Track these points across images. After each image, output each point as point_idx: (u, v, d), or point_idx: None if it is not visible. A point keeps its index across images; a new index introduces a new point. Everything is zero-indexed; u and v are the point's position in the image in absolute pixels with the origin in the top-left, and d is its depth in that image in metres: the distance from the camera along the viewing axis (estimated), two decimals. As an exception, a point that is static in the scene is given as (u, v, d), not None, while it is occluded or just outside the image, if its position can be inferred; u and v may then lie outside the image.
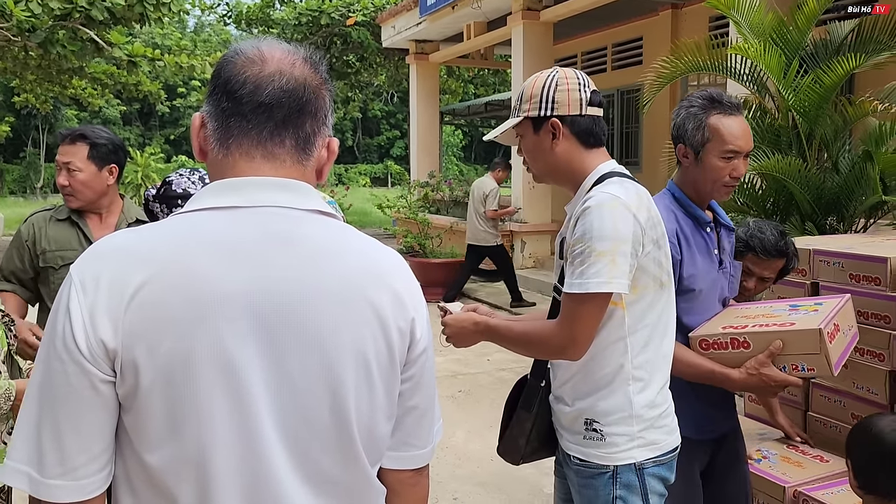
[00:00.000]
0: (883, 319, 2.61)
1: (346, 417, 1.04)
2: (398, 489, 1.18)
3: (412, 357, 1.12)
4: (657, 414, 1.81)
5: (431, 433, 1.20)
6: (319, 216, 1.08)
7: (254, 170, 1.06)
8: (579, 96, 1.80)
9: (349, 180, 35.19)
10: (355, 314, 1.04)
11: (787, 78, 3.92)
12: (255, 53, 1.08)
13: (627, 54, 11.22)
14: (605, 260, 1.64)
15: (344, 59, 16.69)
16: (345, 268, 1.05)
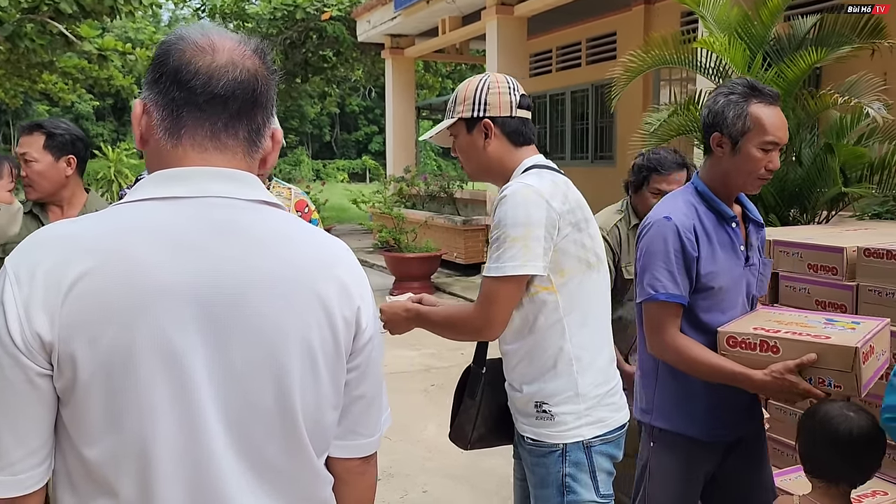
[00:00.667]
0: (839, 308, 2.67)
1: (291, 406, 1.04)
2: (346, 478, 1.19)
3: (358, 346, 1.12)
4: (603, 392, 1.91)
5: (379, 422, 1.21)
6: (265, 206, 1.08)
7: (205, 161, 1.06)
8: (510, 99, 1.93)
9: (327, 176, 35.02)
10: (300, 303, 1.04)
11: (752, 72, 3.97)
12: (205, 42, 1.06)
13: (602, 49, 11.28)
14: (519, 245, 1.77)
15: (320, 53, 16.59)
16: (290, 257, 1.06)
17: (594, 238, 1.92)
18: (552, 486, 1.89)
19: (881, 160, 3.81)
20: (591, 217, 1.95)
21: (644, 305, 2.08)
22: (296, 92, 18.77)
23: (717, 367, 1.97)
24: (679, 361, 2.03)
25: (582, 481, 1.88)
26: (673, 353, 2.03)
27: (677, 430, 2.15)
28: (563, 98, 12.50)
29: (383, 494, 3.80)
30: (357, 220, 13.71)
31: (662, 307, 2.02)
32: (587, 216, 1.91)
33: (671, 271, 2.00)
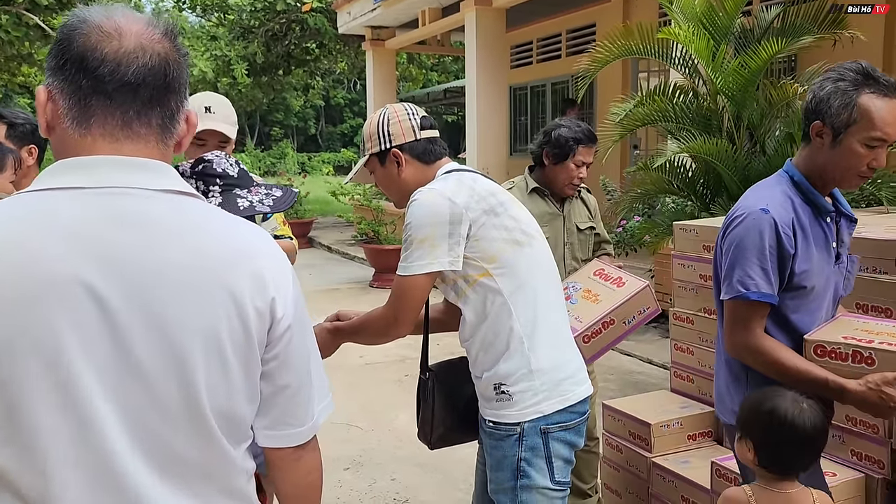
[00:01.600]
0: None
1: (197, 399, 1.02)
2: (280, 465, 1.20)
3: (274, 337, 1.10)
4: (557, 365, 1.94)
5: (309, 411, 1.19)
6: (176, 196, 1.06)
7: (116, 150, 1.03)
8: (410, 124, 2.04)
9: (312, 169, 34.91)
10: (207, 295, 1.02)
11: (716, 62, 4.01)
12: (111, 26, 1.02)
13: (581, 40, 11.31)
14: (426, 245, 1.87)
15: (303, 45, 16.53)
16: (198, 248, 1.03)
17: (517, 218, 1.97)
18: (507, 469, 1.92)
19: (841, 149, 3.86)
20: (511, 200, 2.00)
21: (730, 303, 1.93)
22: (279, 84, 18.68)
23: (806, 372, 1.85)
24: (763, 364, 1.90)
25: (536, 466, 1.91)
26: (757, 355, 1.90)
27: None
28: (545, 90, 12.52)
29: (352, 482, 3.83)
30: (339, 213, 13.70)
31: (752, 306, 1.88)
32: (503, 200, 1.97)
33: (765, 269, 1.85)
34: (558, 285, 2.06)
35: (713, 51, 4.01)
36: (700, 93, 4.35)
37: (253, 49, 15.73)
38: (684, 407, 3.03)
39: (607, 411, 3.09)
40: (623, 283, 2.75)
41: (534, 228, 2.02)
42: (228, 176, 2.12)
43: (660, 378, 5.30)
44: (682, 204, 4.76)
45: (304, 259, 11.87)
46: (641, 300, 2.71)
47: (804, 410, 1.82)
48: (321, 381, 1.23)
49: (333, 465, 3.99)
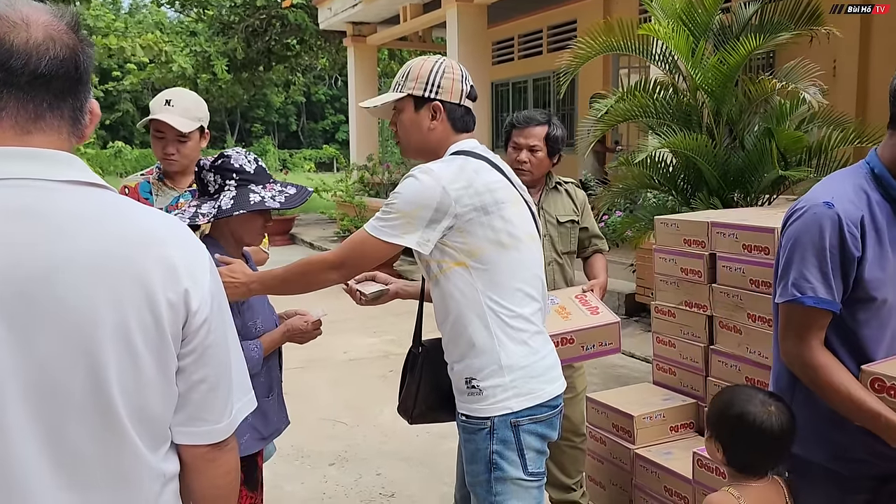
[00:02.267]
0: (772, 287, 2.75)
1: (107, 396, 1.00)
2: (194, 464, 1.15)
3: (190, 330, 1.07)
4: (529, 363, 1.94)
5: (227, 408, 1.16)
6: (79, 186, 1.03)
7: (24, 142, 1.01)
8: (461, 87, 2.00)
9: (294, 166, 34.73)
10: (115, 287, 1.00)
11: (696, 58, 4.06)
12: (17, 17, 0.99)
13: (562, 37, 11.36)
14: (403, 220, 1.86)
15: (283, 41, 16.46)
16: (104, 239, 1.01)
17: (508, 219, 1.93)
18: (481, 462, 1.94)
19: (819, 144, 3.93)
20: (510, 199, 1.97)
21: (784, 307, 1.72)
22: (259, 81, 18.59)
23: (859, 402, 1.62)
24: (813, 381, 1.69)
25: (509, 458, 1.92)
26: (809, 370, 1.69)
27: (817, 460, 1.78)
28: (526, 86, 12.57)
29: (338, 478, 3.84)
30: (321, 210, 13.67)
31: (808, 313, 1.67)
32: (500, 198, 1.93)
33: (825, 272, 1.63)
34: (540, 286, 2.04)
35: (693, 47, 4.06)
36: (680, 88, 4.40)
37: (233, 45, 15.63)
38: (666, 399, 3.06)
39: (591, 404, 3.12)
40: (597, 313, 2.80)
41: (524, 231, 1.99)
42: (245, 171, 2.18)
43: (642, 371, 5.36)
44: (663, 199, 4.82)
45: (286, 256, 11.83)
46: (607, 333, 2.75)
47: (772, 414, 1.78)
48: (241, 378, 1.20)
49: (319, 461, 4.00)
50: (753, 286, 2.80)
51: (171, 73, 15.83)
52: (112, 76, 23.96)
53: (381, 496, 3.66)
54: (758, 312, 2.78)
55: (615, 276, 7.28)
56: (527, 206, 2.07)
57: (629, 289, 6.99)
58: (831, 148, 3.89)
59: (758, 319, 2.78)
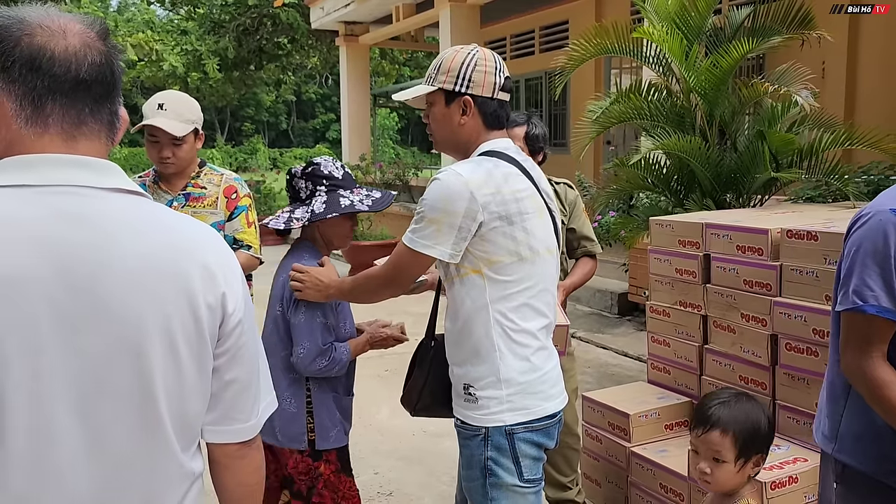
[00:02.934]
0: (765, 287, 2.81)
1: (152, 397, 1.04)
2: (225, 462, 1.20)
3: (225, 331, 1.12)
4: (528, 380, 1.91)
5: (256, 407, 1.20)
6: (123, 194, 1.07)
7: (71, 149, 1.04)
8: (494, 80, 1.91)
9: (284, 165, 34.66)
10: (160, 291, 1.03)
11: (689, 61, 4.11)
12: (55, 25, 1.03)
13: (555, 37, 11.41)
14: (433, 227, 1.84)
15: (274, 40, 16.42)
16: (147, 244, 1.04)
17: (530, 231, 1.90)
18: (476, 467, 1.93)
19: (810, 146, 3.99)
20: (535, 209, 1.92)
21: (846, 316, 1.66)
22: (250, 80, 18.54)
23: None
24: (872, 396, 1.62)
25: (504, 465, 1.90)
26: (868, 383, 1.62)
27: (869, 472, 1.69)
28: (518, 86, 12.60)
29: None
30: (313, 209, 13.66)
31: (870, 322, 1.60)
32: (524, 208, 1.88)
33: (888, 280, 1.58)
34: (551, 301, 2.00)
35: (686, 50, 4.11)
36: (673, 91, 4.45)
37: (224, 44, 15.58)
38: (661, 398, 3.11)
39: (587, 403, 3.16)
40: None
41: (543, 245, 1.95)
42: (334, 178, 2.32)
43: (635, 370, 5.41)
44: (657, 200, 4.87)
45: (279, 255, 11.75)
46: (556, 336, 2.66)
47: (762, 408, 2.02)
48: (266, 378, 1.25)
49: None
50: (747, 286, 2.85)
51: (161, 72, 15.76)
52: (102, 74, 23.82)
53: (379, 495, 3.69)
54: (751, 312, 2.83)
55: (608, 276, 7.34)
56: (550, 215, 2.02)
57: (622, 288, 7.05)
58: (821, 150, 3.95)
59: (751, 319, 2.84)
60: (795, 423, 2.68)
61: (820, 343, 2.57)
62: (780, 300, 2.73)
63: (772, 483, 2.40)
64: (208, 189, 2.80)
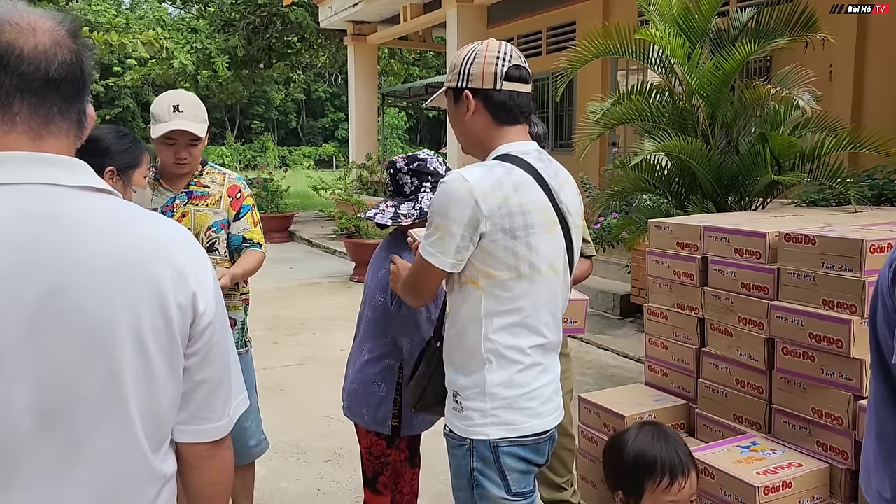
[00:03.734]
0: (762, 291, 2.79)
1: (122, 398, 1.03)
2: (194, 462, 1.19)
3: (196, 331, 1.11)
4: (513, 395, 1.83)
5: (227, 407, 1.19)
6: (92, 193, 1.05)
7: (37, 147, 1.02)
8: (494, 70, 1.80)
9: (293, 163, 34.74)
10: (129, 291, 1.02)
11: (692, 63, 4.09)
12: (23, 22, 1.01)
13: (562, 38, 11.39)
14: (437, 235, 1.78)
15: (284, 39, 16.47)
16: (117, 244, 1.03)
17: (534, 248, 1.80)
18: (463, 477, 1.90)
19: (812, 149, 3.97)
20: (543, 224, 1.82)
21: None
22: (260, 78, 18.60)
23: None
24: None
25: (490, 478, 1.86)
26: None
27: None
28: (525, 86, 12.59)
29: (333, 474, 3.88)
30: (320, 207, 13.69)
31: None
32: (530, 222, 1.79)
33: None
34: (549, 322, 1.90)
35: (689, 52, 4.09)
36: (676, 93, 4.43)
37: (234, 42, 15.64)
38: (658, 400, 3.10)
39: (583, 404, 3.15)
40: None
41: (547, 263, 1.84)
42: (438, 174, 2.30)
43: (635, 372, 5.40)
44: (658, 202, 4.85)
45: (285, 253, 11.88)
46: (573, 310, 2.55)
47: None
48: (237, 378, 1.24)
49: (314, 457, 4.04)
50: (744, 290, 2.84)
51: (171, 70, 15.83)
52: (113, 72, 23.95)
53: (375, 493, 3.69)
54: (748, 315, 2.82)
55: (610, 277, 7.33)
56: (566, 231, 1.91)
57: (624, 290, 7.03)
58: (824, 153, 3.93)
59: (748, 322, 2.83)
60: (791, 427, 2.66)
61: (816, 347, 2.56)
62: (778, 304, 2.72)
63: (765, 487, 2.39)
64: (211, 188, 2.81)
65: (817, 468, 2.51)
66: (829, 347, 2.51)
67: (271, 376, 5.31)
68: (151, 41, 15.54)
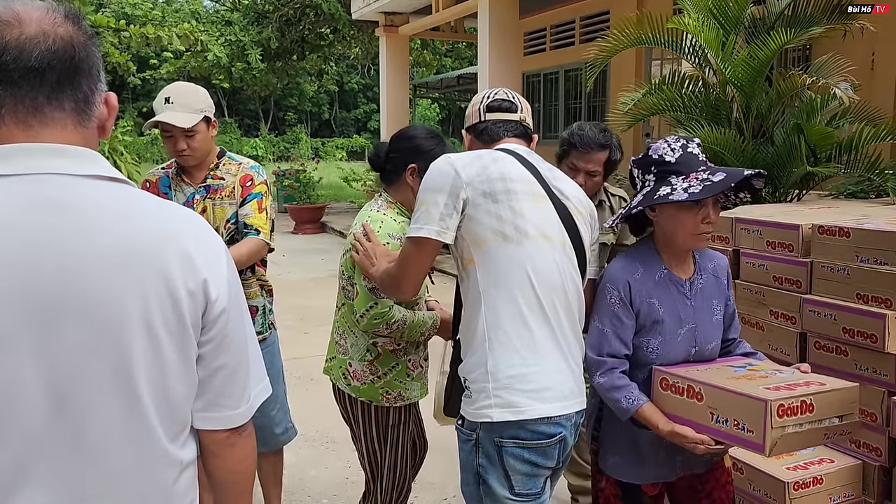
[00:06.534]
0: (795, 284, 2.75)
1: (133, 384, 1.04)
2: (215, 450, 1.19)
3: (210, 319, 1.11)
4: (515, 374, 1.81)
5: (245, 393, 1.19)
6: (102, 181, 1.06)
7: (31, 137, 1.03)
8: (479, 108, 2.08)
9: (326, 154, 34.97)
10: (138, 278, 1.03)
11: (725, 52, 4.02)
12: (9, 15, 1.02)
13: (595, 27, 11.26)
14: (423, 208, 1.86)
15: (317, 31, 16.55)
16: (125, 232, 1.04)
17: (519, 212, 1.84)
18: (469, 471, 1.90)
19: (849, 140, 3.87)
20: (527, 193, 1.87)
21: None
22: (293, 70, 18.72)
23: None
24: None
25: (494, 474, 1.85)
26: None
27: None
28: (557, 77, 12.50)
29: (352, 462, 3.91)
30: (352, 198, 13.77)
31: None
32: (512, 188, 1.85)
33: None
34: (551, 292, 1.86)
35: (723, 41, 4.02)
36: (710, 83, 4.35)
37: (267, 34, 15.75)
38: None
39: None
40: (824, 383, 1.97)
41: (535, 228, 1.85)
42: (664, 162, 1.98)
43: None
44: (691, 193, 4.77)
45: (316, 244, 11.96)
46: (745, 411, 1.82)
47: None
48: (258, 365, 1.23)
49: (343, 447, 4.07)
50: (776, 283, 2.79)
51: (206, 62, 16.01)
52: (150, 64, 24.31)
53: (402, 482, 3.72)
54: (780, 309, 2.78)
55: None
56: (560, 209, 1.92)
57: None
58: (862, 144, 3.83)
59: (780, 316, 2.78)
60: (823, 423, 2.62)
61: (849, 342, 2.51)
62: (810, 297, 2.67)
63: (795, 483, 2.36)
64: (227, 180, 2.81)
65: (849, 464, 2.47)
66: (862, 342, 2.46)
67: (301, 366, 5.37)
68: (186, 34, 15.70)
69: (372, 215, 2.37)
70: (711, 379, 1.92)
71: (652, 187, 2.00)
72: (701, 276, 2.12)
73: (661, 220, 2.04)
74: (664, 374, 2.00)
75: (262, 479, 3.09)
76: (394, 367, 2.42)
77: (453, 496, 3.49)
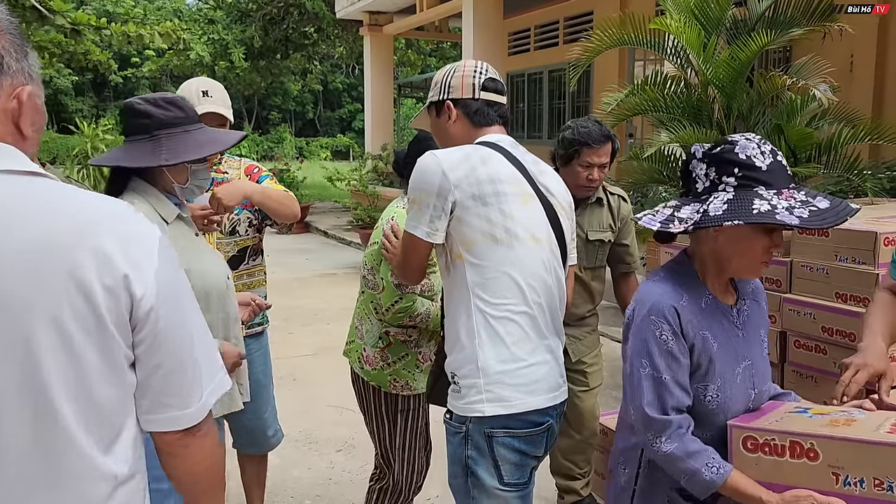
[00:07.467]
0: (775, 283, 2.77)
1: (45, 389, 0.98)
2: (169, 451, 1.15)
3: (139, 317, 1.05)
4: (506, 369, 1.84)
5: (192, 393, 1.12)
6: (18, 176, 1.02)
7: None
8: (472, 81, 1.99)
9: (310, 154, 34.85)
10: (45, 277, 0.98)
11: (707, 53, 4.05)
12: None
13: (579, 28, 11.29)
14: (415, 207, 1.89)
15: (301, 30, 16.49)
16: (37, 228, 0.99)
17: (508, 214, 1.85)
18: (457, 464, 1.91)
19: (829, 141, 3.91)
20: (516, 194, 1.88)
21: None
22: (277, 69, 18.64)
23: None
24: None
25: (483, 466, 1.87)
26: None
27: None
28: (541, 77, 12.52)
29: (344, 464, 3.90)
30: (336, 198, 13.73)
31: None
32: (501, 190, 1.85)
33: None
34: (545, 295, 1.91)
35: (704, 42, 4.05)
36: (691, 83, 4.39)
37: (250, 33, 15.68)
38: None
39: (593, 396, 3.15)
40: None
41: (526, 230, 1.88)
42: (752, 167, 1.55)
43: (649, 365, 5.36)
44: (673, 193, 4.82)
45: (300, 244, 11.93)
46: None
47: None
48: (209, 361, 1.16)
49: (326, 447, 4.06)
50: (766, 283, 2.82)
51: (188, 61, 15.89)
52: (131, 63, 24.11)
53: (386, 482, 3.71)
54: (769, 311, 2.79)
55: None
56: (548, 208, 1.95)
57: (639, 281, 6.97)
58: (841, 145, 3.87)
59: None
60: (802, 421, 2.64)
61: (828, 341, 2.54)
62: (790, 297, 2.70)
63: (774, 481, 2.37)
64: (230, 174, 2.86)
65: (828, 462, 2.48)
66: (841, 341, 2.49)
67: (285, 366, 5.35)
68: (169, 32, 15.61)
69: (398, 212, 2.45)
70: (814, 429, 1.48)
71: (735, 196, 1.54)
72: (745, 302, 1.74)
73: (723, 239, 1.60)
74: (748, 430, 1.53)
75: (245, 481, 3.07)
76: (403, 357, 2.52)
77: (437, 496, 3.49)
